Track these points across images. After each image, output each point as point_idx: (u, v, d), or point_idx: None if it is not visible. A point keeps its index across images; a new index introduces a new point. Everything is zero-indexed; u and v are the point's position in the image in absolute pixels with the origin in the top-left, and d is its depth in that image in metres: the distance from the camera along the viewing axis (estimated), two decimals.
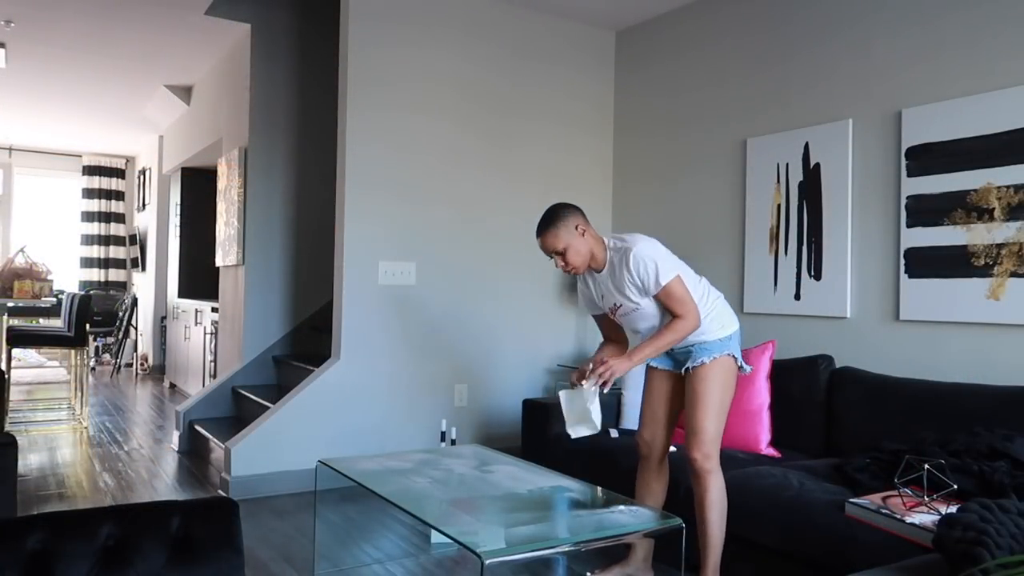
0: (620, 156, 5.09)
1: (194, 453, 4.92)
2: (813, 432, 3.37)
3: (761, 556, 2.66)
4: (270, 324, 5.29)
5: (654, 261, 2.53)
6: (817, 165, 3.81)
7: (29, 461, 4.60)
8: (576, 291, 4.94)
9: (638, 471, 2.86)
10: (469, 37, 4.60)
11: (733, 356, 2.67)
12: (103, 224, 9.88)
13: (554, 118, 4.92)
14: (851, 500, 2.43)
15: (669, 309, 2.58)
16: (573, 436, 2.61)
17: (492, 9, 4.68)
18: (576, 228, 2.59)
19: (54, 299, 5.99)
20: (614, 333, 2.85)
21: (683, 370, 2.72)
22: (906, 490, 2.41)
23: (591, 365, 2.55)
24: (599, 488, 2.68)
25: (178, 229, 7.95)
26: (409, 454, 4.11)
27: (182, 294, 7.72)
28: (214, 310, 6.15)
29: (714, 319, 2.67)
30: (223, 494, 3.94)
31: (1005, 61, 3.13)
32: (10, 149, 9.56)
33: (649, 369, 2.86)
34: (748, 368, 2.77)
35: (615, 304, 2.66)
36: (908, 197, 3.41)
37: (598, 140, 5.09)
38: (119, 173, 10.05)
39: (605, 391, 2.53)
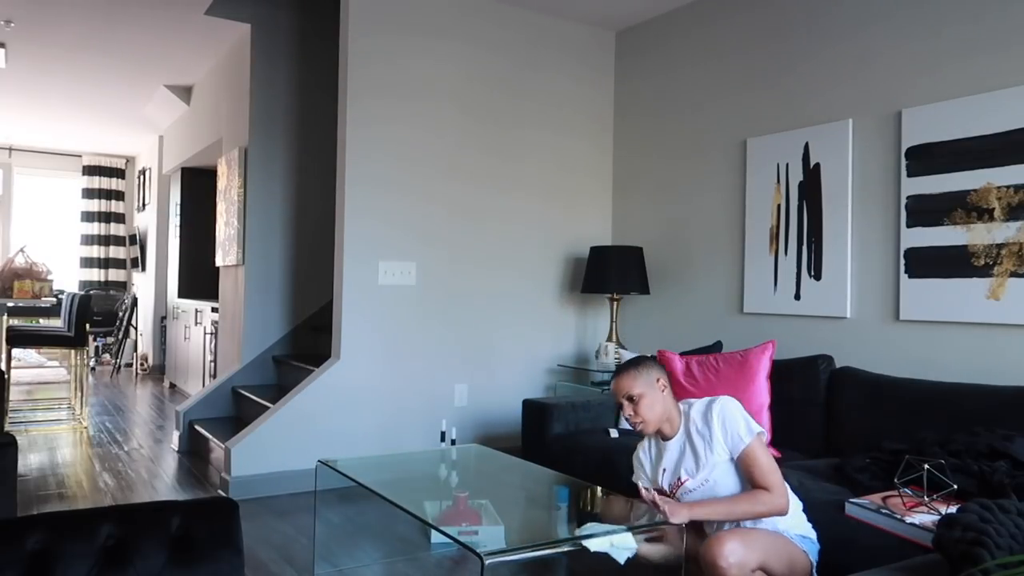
0: (620, 156, 5.09)
1: (194, 453, 4.92)
2: (813, 432, 3.36)
3: None
4: (270, 324, 5.29)
5: (743, 413, 2.29)
6: (817, 165, 3.81)
7: (29, 461, 4.60)
8: (577, 291, 4.95)
9: None
10: (469, 36, 4.60)
11: (810, 561, 2.25)
12: (103, 224, 9.88)
13: (554, 117, 4.92)
14: (851, 500, 2.43)
15: (753, 478, 2.23)
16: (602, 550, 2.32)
17: (492, 9, 4.68)
18: (657, 381, 2.34)
19: (54, 299, 5.99)
20: None
21: None
22: (906, 490, 2.41)
23: (645, 490, 2.29)
24: (599, 488, 2.68)
25: (178, 229, 7.95)
26: (409, 454, 4.12)
27: (182, 294, 7.72)
28: (214, 310, 6.15)
29: (799, 513, 2.33)
30: (223, 494, 3.94)
31: (1005, 61, 3.13)
32: (10, 149, 9.56)
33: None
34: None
35: (680, 477, 2.32)
36: (908, 197, 3.41)
37: (598, 140, 5.09)
38: (119, 173, 10.05)
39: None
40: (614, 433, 3.66)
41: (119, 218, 10.03)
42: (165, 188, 8.65)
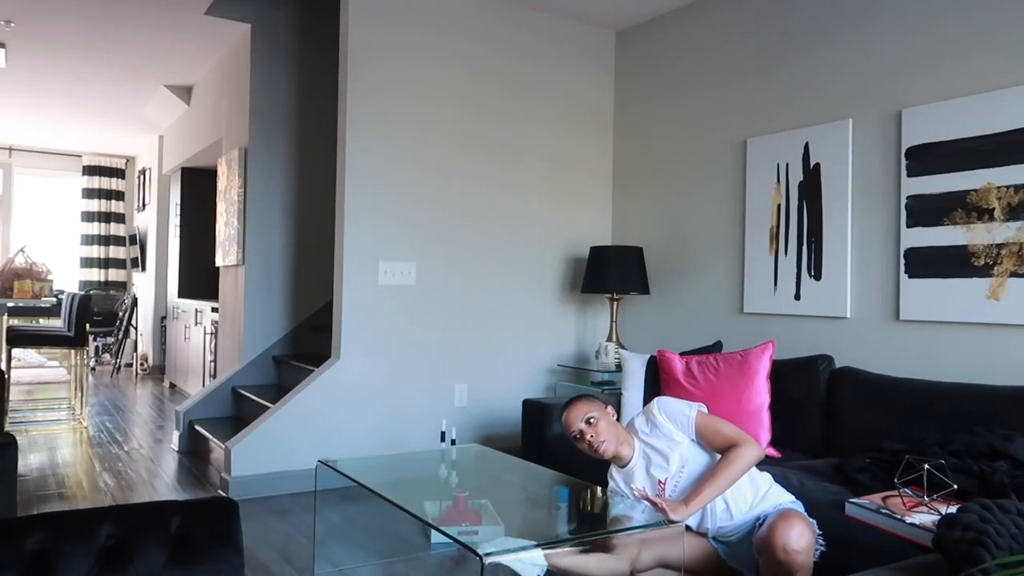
0: (620, 156, 5.09)
1: (194, 453, 4.92)
2: (813, 432, 3.36)
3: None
4: (270, 324, 5.29)
5: (676, 400, 2.50)
6: (817, 165, 3.81)
7: (29, 461, 4.60)
8: (577, 291, 4.95)
9: None
10: (469, 36, 4.60)
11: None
12: (103, 224, 9.88)
13: (554, 118, 4.92)
14: (851, 500, 2.43)
15: (716, 444, 2.36)
16: None
17: (493, 9, 4.68)
18: (605, 407, 2.51)
19: (54, 299, 5.99)
20: None
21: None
22: (906, 490, 2.41)
23: (641, 492, 2.37)
24: (599, 488, 2.68)
25: (178, 229, 7.95)
26: (409, 454, 4.12)
27: (182, 294, 7.72)
28: (214, 310, 6.15)
29: (777, 486, 2.45)
30: (223, 494, 3.94)
31: (1005, 61, 3.13)
32: (10, 149, 9.56)
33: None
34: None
35: (660, 481, 2.41)
36: (908, 197, 3.41)
37: (598, 140, 5.09)
38: (119, 173, 10.05)
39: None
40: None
41: (119, 218, 10.03)
42: (165, 188, 8.65)
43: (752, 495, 2.41)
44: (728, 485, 2.28)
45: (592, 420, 2.44)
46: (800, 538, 2.13)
